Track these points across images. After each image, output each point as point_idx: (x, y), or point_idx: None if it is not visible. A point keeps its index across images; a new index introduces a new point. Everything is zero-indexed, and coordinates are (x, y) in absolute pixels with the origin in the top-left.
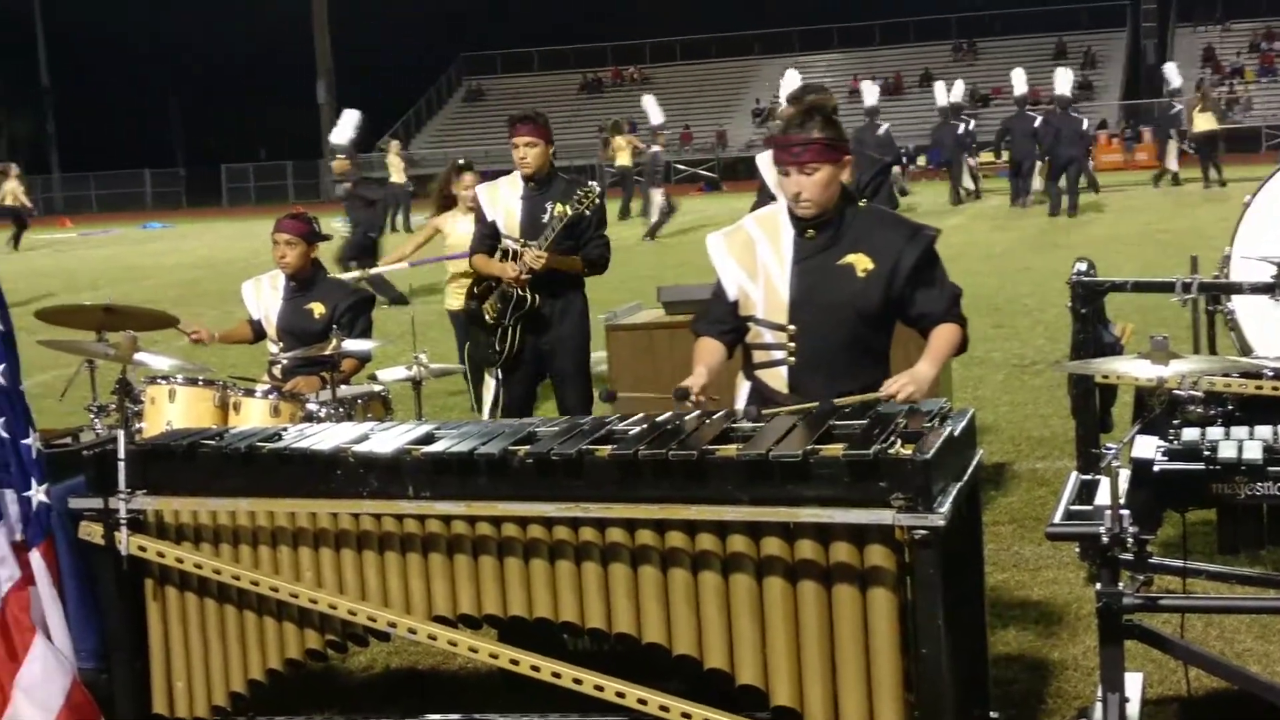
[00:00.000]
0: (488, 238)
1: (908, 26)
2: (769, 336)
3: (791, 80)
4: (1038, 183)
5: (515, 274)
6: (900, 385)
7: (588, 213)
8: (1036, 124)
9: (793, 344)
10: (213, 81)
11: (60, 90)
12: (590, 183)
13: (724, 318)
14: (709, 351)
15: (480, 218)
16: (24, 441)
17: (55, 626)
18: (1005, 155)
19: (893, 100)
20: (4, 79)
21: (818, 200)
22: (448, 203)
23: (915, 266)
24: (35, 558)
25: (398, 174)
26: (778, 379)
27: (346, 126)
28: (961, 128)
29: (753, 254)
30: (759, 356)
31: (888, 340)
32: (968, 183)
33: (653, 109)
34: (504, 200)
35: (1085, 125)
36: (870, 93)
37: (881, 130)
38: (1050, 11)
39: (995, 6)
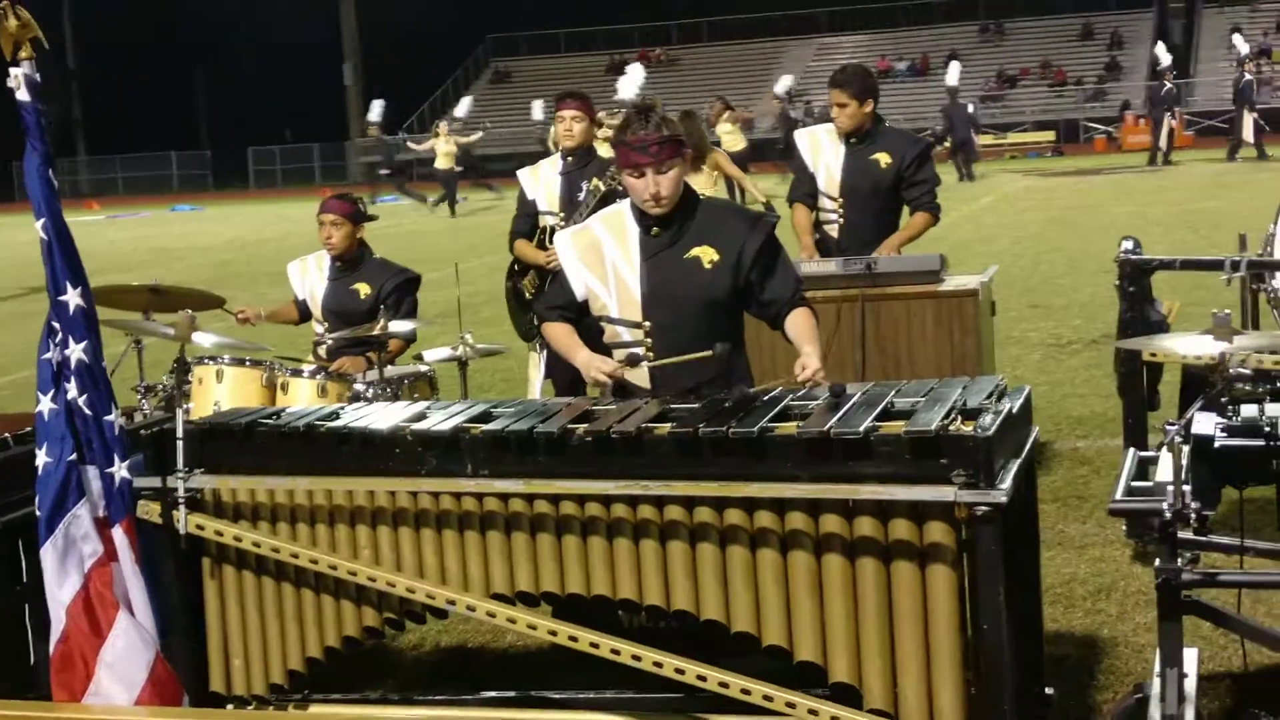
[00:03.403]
0: (528, 218)
1: (935, 7)
2: (626, 334)
3: (635, 76)
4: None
5: (551, 262)
6: (813, 370)
7: (620, 187)
8: (1164, 91)
9: (649, 339)
10: (238, 63)
11: (86, 73)
12: None
13: (568, 305)
14: (569, 333)
15: (520, 198)
16: (106, 418)
17: (138, 602)
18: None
19: (921, 81)
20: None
21: (673, 197)
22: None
23: (758, 254)
24: (118, 534)
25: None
26: (639, 376)
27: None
28: (970, 107)
29: (600, 255)
30: (619, 355)
31: (740, 328)
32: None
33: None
34: (544, 178)
35: (971, 109)
36: (954, 72)
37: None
38: None
39: None
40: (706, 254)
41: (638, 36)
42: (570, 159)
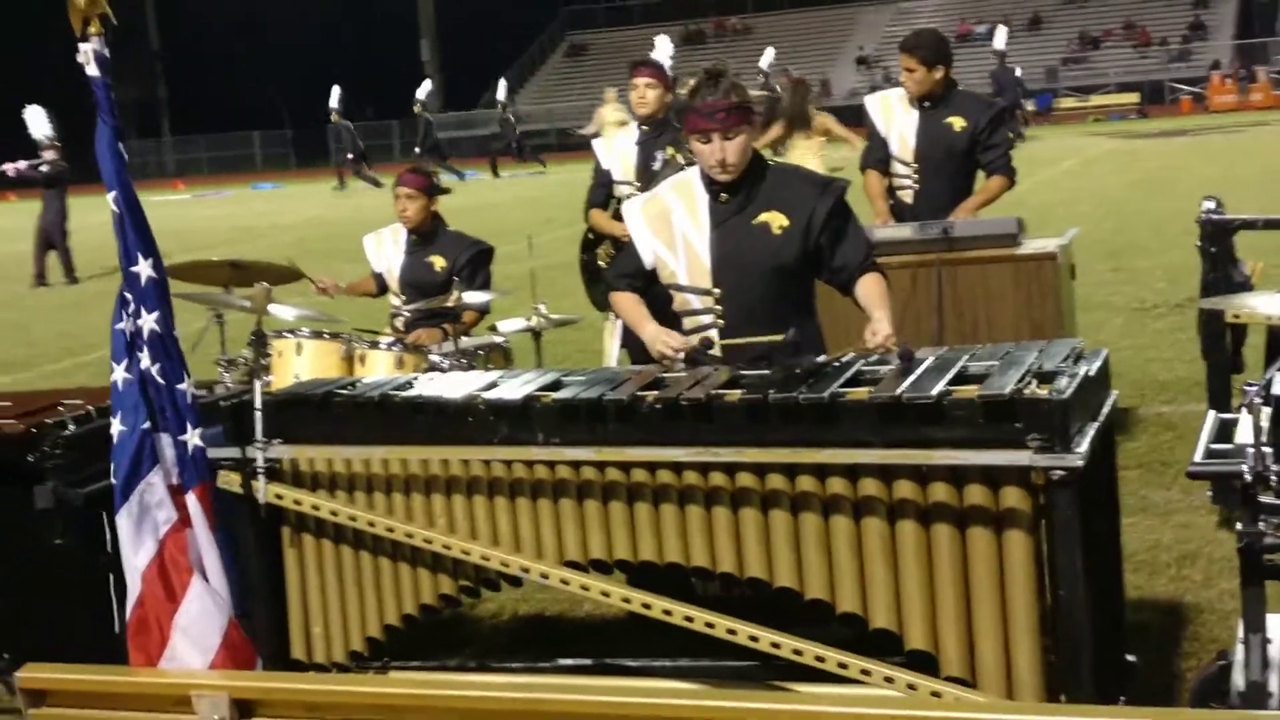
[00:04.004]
0: (603, 188)
1: None
2: (696, 302)
3: (663, 47)
4: None
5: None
6: (884, 336)
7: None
8: None
9: (719, 307)
10: (318, 42)
11: (170, 54)
12: None
13: (636, 274)
14: (638, 303)
15: (596, 168)
16: (179, 387)
17: (212, 568)
18: None
19: None
20: (114, 43)
21: (740, 164)
22: None
23: (828, 218)
24: (191, 500)
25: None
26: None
27: None
28: (1018, 70)
29: (669, 222)
30: (689, 323)
31: (811, 294)
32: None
33: None
34: (619, 147)
35: (1019, 73)
36: (1000, 36)
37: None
38: None
39: None
40: (776, 219)
41: (714, 5)
42: (645, 128)
